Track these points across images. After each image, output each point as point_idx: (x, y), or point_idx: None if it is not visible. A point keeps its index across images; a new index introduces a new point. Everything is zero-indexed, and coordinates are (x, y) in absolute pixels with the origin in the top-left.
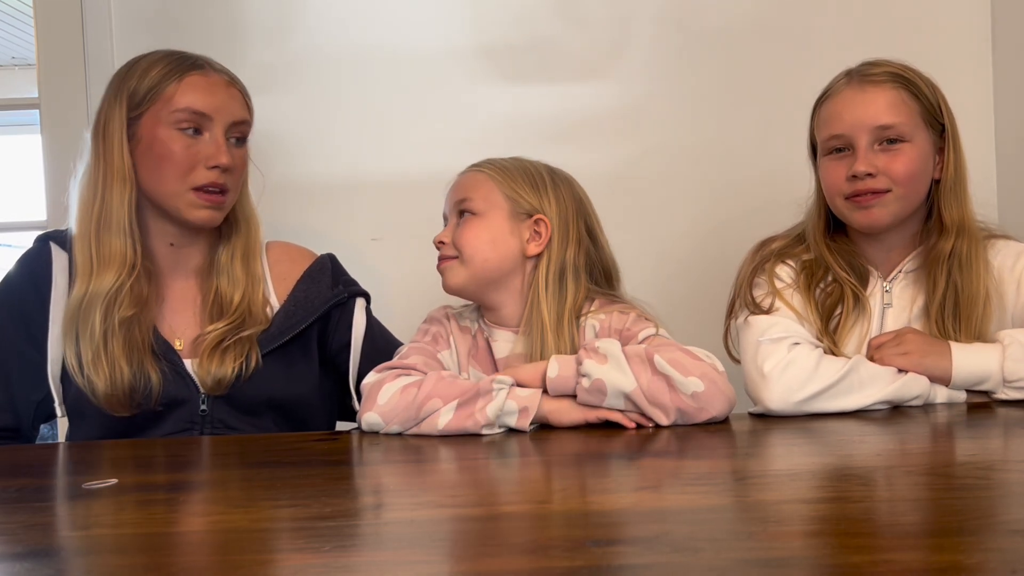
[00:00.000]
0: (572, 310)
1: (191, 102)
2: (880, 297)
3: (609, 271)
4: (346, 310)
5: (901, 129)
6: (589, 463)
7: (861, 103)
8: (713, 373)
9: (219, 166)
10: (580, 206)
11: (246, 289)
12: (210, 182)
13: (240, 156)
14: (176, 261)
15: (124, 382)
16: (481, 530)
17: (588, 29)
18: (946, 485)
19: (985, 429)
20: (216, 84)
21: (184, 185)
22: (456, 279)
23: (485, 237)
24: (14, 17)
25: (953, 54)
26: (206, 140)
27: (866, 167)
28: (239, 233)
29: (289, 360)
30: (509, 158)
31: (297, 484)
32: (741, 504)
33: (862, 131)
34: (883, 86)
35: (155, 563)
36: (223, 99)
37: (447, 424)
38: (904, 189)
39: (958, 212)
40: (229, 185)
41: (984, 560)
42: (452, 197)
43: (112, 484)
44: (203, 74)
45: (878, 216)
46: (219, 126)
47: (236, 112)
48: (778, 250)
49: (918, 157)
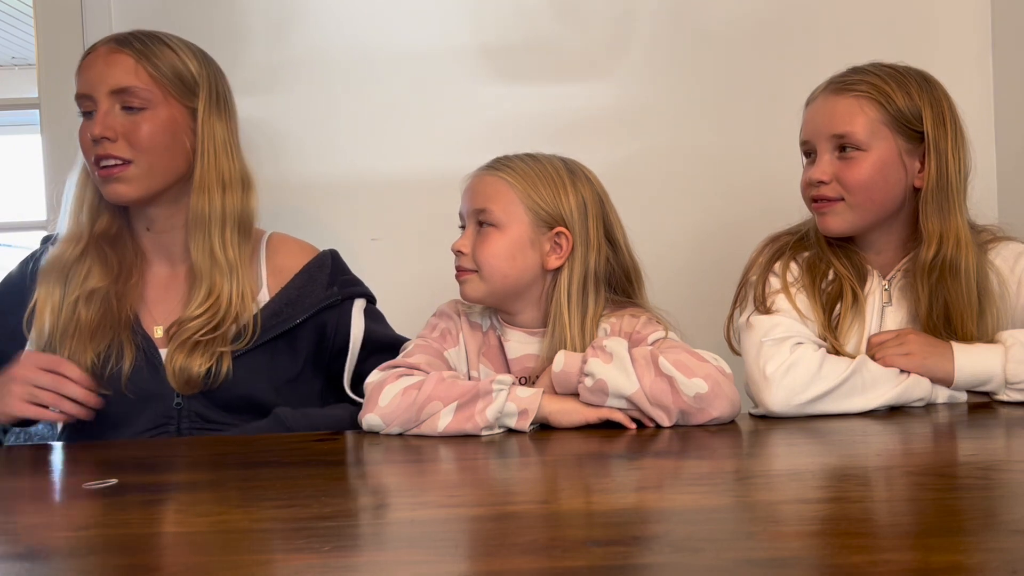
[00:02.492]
0: (594, 319)
1: (78, 88)
2: (879, 295)
3: (629, 273)
4: (343, 313)
5: (856, 138)
6: (590, 463)
7: (823, 110)
8: (718, 375)
9: (93, 138)
10: (600, 207)
11: (223, 268)
12: (95, 155)
13: (133, 122)
14: (156, 246)
15: (90, 354)
16: (481, 530)
17: (588, 29)
18: (946, 485)
19: (985, 429)
20: (96, 59)
21: (90, 163)
22: (475, 292)
23: (505, 253)
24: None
25: (953, 54)
26: (95, 118)
27: (819, 175)
28: (206, 205)
29: (273, 356)
30: (526, 156)
31: (297, 484)
32: (742, 504)
33: (821, 138)
34: (847, 94)
35: (155, 563)
36: (99, 71)
37: (447, 426)
38: (858, 198)
39: (938, 222)
40: (129, 156)
41: (984, 560)
42: (471, 202)
43: (112, 484)
44: (92, 54)
45: (831, 224)
46: (100, 99)
47: (114, 78)
48: (787, 247)
49: (873, 166)
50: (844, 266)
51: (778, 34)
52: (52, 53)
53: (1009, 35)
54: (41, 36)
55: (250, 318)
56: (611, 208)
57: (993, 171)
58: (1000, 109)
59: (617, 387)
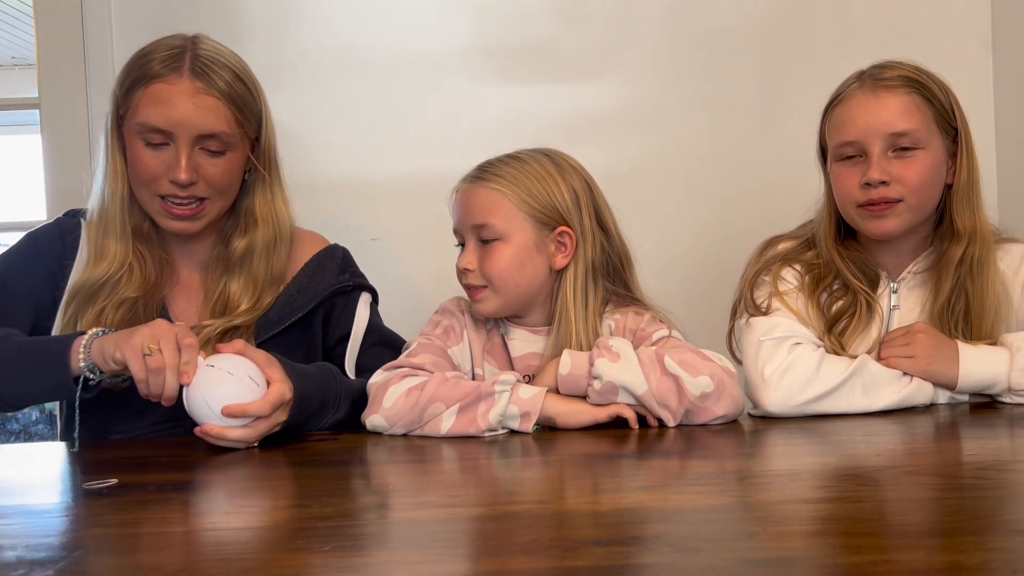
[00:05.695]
0: (596, 312)
1: (148, 117)
2: (887, 299)
3: (621, 258)
4: (350, 300)
5: (915, 136)
6: (590, 463)
7: (875, 109)
8: (723, 374)
9: (177, 182)
10: (589, 195)
11: (255, 293)
12: (171, 194)
13: (216, 166)
14: (186, 250)
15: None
16: (482, 530)
17: (588, 29)
18: (948, 485)
19: (987, 429)
20: (180, 94)
21: (149, 192)
22: (489, 308)
23: (514, 264)
24: (14, 17)
25: (953, 54)
26: (170, 151)
27: (880, 175)
28: (256, 232)
29: (289, 347)
30: (509, 159)
31: (297, 484)
32: (742, 504)
33: (875, 138)
34: (896, 91)
35: (155, 563)
36: (186, 112)
37: (450, 428)
38: (917, 198)
39: (970, 218)
40: (206, 194)
41: (985, 560)
42: (467, 218)
43: (112, 484)
44: (168, 83)
45: (891, 226)
46: (182, 140)
47: (202, 124)
48: (784, 253)
49: (932, 164)
50: (855, 275)
51: (778, 35)
52: (52, 53)
53: (1009, 35)
54: (41, 36)
55: (265, 305)
56: (598, 192)
57: (993, 171)
58: (1000, 109)
59: (627, 387)
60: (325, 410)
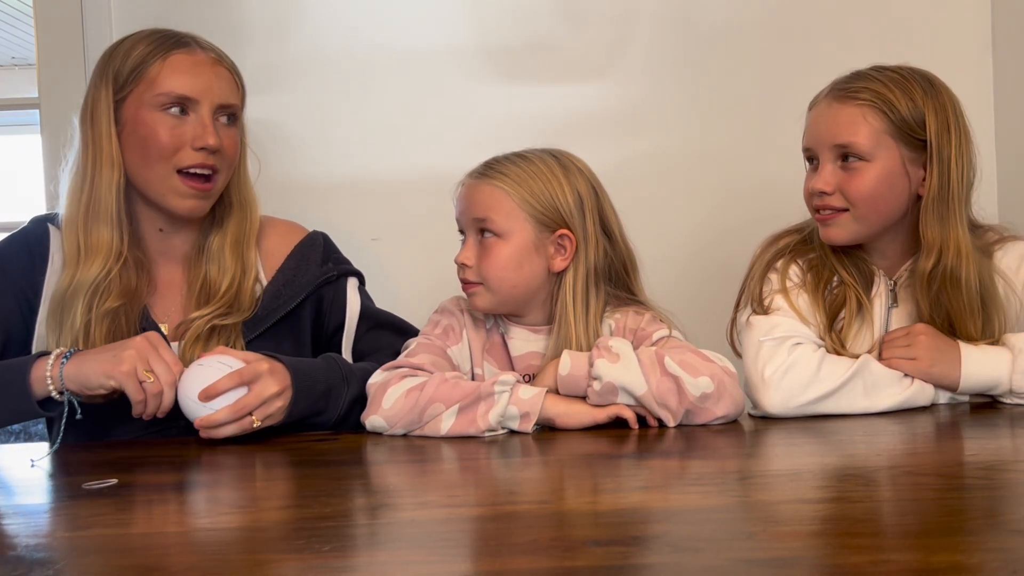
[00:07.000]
0: (597, 315)
1: (174, 85)
2: (885, 297)
3: (626, 263)
4: (339, 289)
5: (859, 148)
6: (590, 463)
7: (826, 119)
8: (723, 375)
9: (206, 147)
10: (595, 198)
11: (235, 276)
12: (198, 163)
13: (231, 136)
14: (165, 247)
15: None
16: (481, 530)
17: (588, 29)
18: (947, 485)
19: (987, 428)
20: (201, 63)
21: (169, 166)
22: (484, 304)
23: (511, 263)
24: (14, 17)
25: (953, 54)
26: (192, 121)
27: (822, 185)
28: (232, 218)
29: (278, 342)
30: (516, 158)
31: (297, 484)
32: (742, 504)
33: (823, 147)
34: (850, 103)
35: (155, 563)
36: (208, 79)
37: (450, 428)
38: (863, 209)
39: (938, 232)
40: (219, 166)
41: (985, 560)
42: (469, 211)
43: (112, 484)
44: (188, 52)
45: (835, 234)
46: (206, 107)
47: (223, 93)
48: (789, 248)
49: (878, 177)
50: (849, 273)
51: (778, 35)
52: (52, 53)
53: (1009, 35)
54: (41, 36)
55: (253, 300)
56: (605, 196)
57: (993, 171)
58: (1000, 109)
59: (627, 388)
60: (335, 390)
